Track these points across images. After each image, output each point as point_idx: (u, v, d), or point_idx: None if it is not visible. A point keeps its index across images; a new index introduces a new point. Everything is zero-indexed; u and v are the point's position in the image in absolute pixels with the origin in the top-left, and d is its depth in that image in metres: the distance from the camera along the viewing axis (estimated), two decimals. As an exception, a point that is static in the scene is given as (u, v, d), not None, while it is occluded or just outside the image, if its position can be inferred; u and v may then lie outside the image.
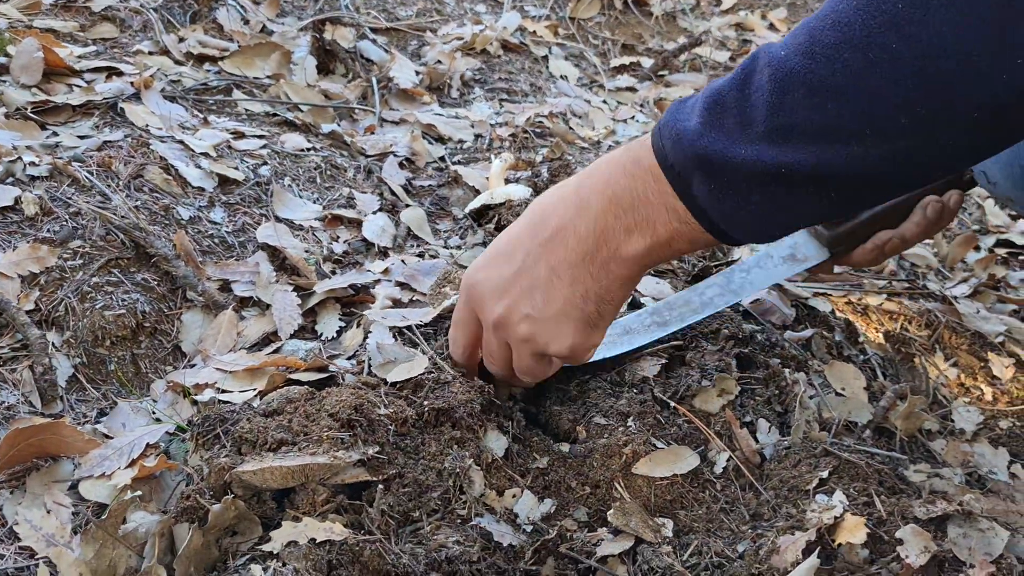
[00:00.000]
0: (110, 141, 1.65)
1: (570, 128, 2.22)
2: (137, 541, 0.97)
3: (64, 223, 1.40)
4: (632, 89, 2.64)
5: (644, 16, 3.03)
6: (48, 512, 1.04)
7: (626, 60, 2.78)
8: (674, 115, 0.91)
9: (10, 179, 1.45)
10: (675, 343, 1.40)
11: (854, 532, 1.08)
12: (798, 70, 0.78)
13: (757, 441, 1.30)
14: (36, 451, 1.10)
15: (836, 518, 1.11)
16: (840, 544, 1.09)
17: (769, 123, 0.81)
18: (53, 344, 1.26)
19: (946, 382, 1.50)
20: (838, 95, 0.77)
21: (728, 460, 1.25)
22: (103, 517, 0.95)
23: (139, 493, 1.02)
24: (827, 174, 0.82)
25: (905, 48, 0.74)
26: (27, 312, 1.26)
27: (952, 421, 1.41)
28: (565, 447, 1.24)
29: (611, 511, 1.12)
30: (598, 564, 1.07)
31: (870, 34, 0.75)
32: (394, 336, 1.36)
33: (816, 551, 1.05)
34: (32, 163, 1.50)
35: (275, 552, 0.97)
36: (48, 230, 1.38)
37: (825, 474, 1.21)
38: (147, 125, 1.76)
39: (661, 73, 2.76)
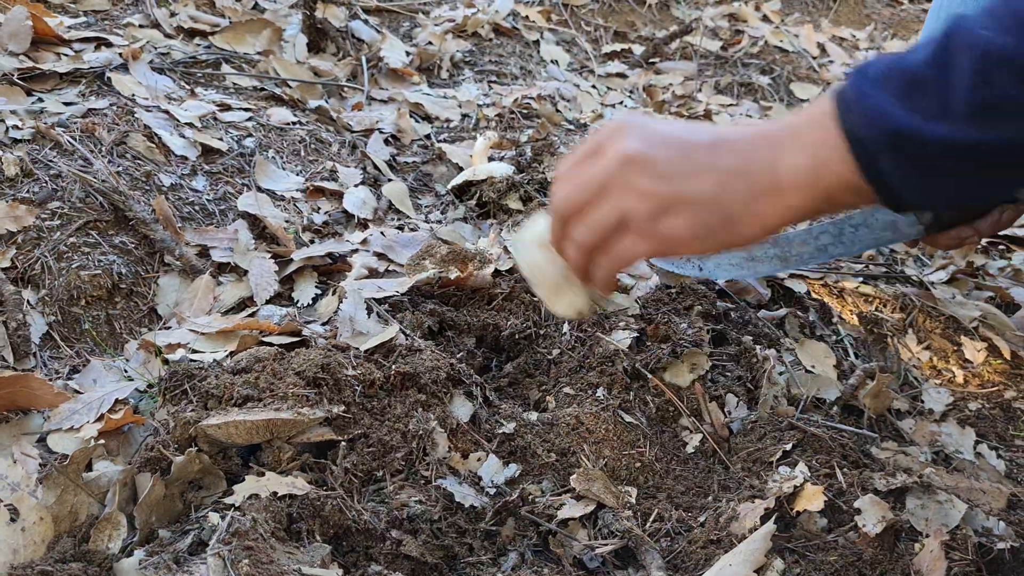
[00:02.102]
0: (95, 108, 1.66)
1: (557, 110, 2.23)
2: (100, 489, 0.98)
3: (44, 184, 1.40)
4: (622, 75, 2.65)
5: (637, 4, 3.04)
6: (15, 462, 1.05)
7: (617, 47, 2.79)
8: (859, 88, 0.87)
9: (-8, 141, 1.46)
10: (647, 316, 1.42)
11: (812, 500, 1.09)
12: (1002, 48, 0.78)
13: (727, 415, 1.31)
14: (6, 403, 1.11)
15: (796, 487, 1.12)
16: (799, 513, 1.11)
17: (972, 102, 0.80)
18: (28, 301, 1.27)
19: (918, 364, 1.51)
20: None
21: (697, 433, 1.27)
22: (66, 463, 0.96)
23: (102, 441, 1.03)
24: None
25: None
26: (3, 269, 1.27)
27: (922, 401, 1.42)
28: (533, 415, 1.25)
29: (574, 476, 1.13)
30: (558, 527, 1.08)
31: None
32: (368, 309, 1.37)
33: (773, 518, 1.06)
34: (15, 126, 1.51)
35: (236, 504, 0.98)
36: (27, 191, 1.39)
37: (789, 447, 1.22)
38: (133, 95, 1.77)
39: (652, 60, 2.76)
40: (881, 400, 1.36)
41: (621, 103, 2.43)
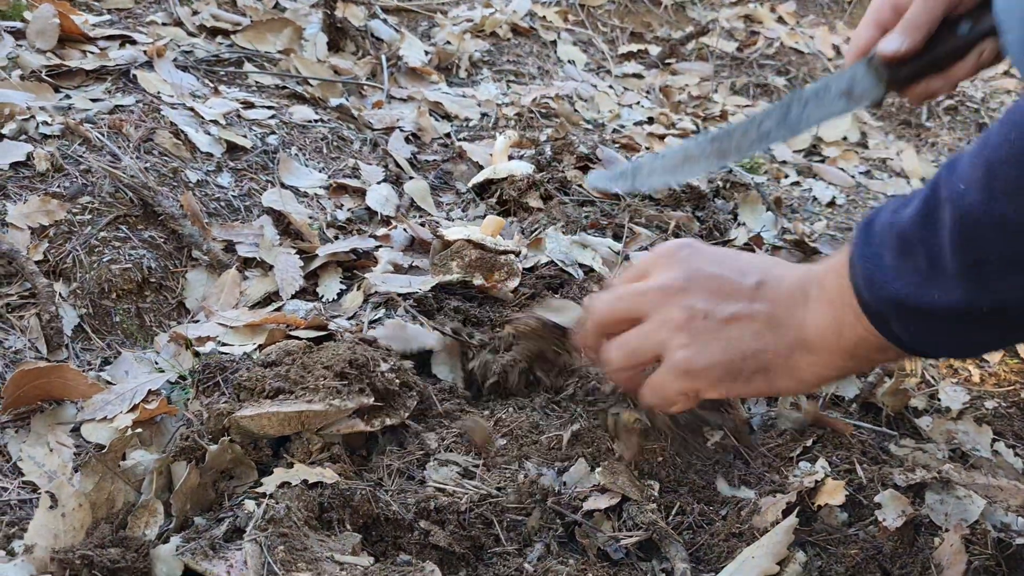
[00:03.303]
0: (122, 105, 1.68)
1: (575, 110, 2.25)
2: (136, 477, 1.01)
3: (74, 179, 1.43)
4: (639, 76, 2.67)
5: (653, 5, 3.06)
6: (51, 451, 1.07)
7: (634, 47, 2.81)
8: (862, 247, 0.85)
9: (23, 136, 1.48)
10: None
11: (833, 494, 1.11)
12: (979, 207, 0.74)
13: (747, 411, 1.33)
14: (41, 393, 1.13)
15: (817, 482, 1.14)
16: (820, 507, 1.12)
17: (959, 263, 0.76)
18: (60, 294, 1.29)
19: (935, 363, 1.53)
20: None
21: (718, 428, 1.28)
22: (103, 452, 0.98)
23: (139, 431, 1.05)
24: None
25: None
26: (36, 262, 1.30)
27: (939, 400, 1.44)
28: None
29: (599, 469, 1.15)
30: (583, 519, 1.10)
31: None
32: (394, 305, 1.39)
33: (796, 512, 1.08)
34: (45, 122, 1.53)
35: (270, 492, 1.00)
36: (58, 185, 1.41)
37: (809, 443, 1.24)
38: (159, 92, 1.79)
39: (668, 61, 2.78)
40: (899, 398, 1.38)
41: (638, 103, 2.45)
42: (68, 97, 1.68)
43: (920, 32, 1.13)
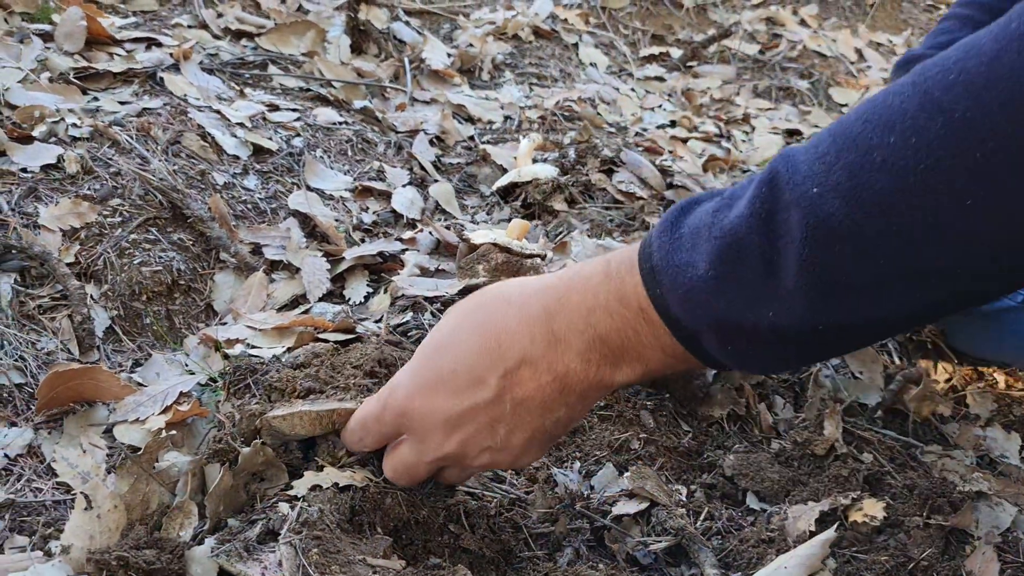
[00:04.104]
0: (149, 108, 1.69)
1: (598, 113, 2.25)
2: (170, 479, 1.01)
3: (104, 182, 1.44)
4: (660, 79, 2.67)
5: (675, 7, 3.05)
6: (84, 452, 1.08)
7: (655, 50, 2.81)
8: (669, 253, 0.73)
9: (53, 139, 1.49)
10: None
11: (871, 509, 1.11)
12: (839, 219, 0.63)
13: (774, 416, 1.33)
14: (74, 395, 1.14)
15: (854, 499, 1.13)
16: (851, 514, 1.12)
17: (805, 279, 0.65)
18: (91, 296, 1.30)
19: (959, 367, 1.52)
20: (896, 251, 0.62)
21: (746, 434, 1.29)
22: (138, 453, 0.99)
23: (173, 432, 1.06)
24: (872, 324, 0.69)
25: (985, 190, 0.58)
26: (67, 264, 1.30)
27: (966, 406, 1.43)
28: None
29: (628, 473, 1.15)
30: (612, 523, 1.10)
31: (940, 178, 0.59)
32: (421, 308, 1.39)
33: (836, 527, 1.07)
34: (74, 125, 1.54)
35: (302, 495, 1.00)
36: (89, 188, 1.42)
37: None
38: (185, 94, 1.80)
39: (690, 64, 2.78)
40: (926, 404, 1.38)
41: (660, 106, 2.45)
42: (96, 99, 1.70)
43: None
